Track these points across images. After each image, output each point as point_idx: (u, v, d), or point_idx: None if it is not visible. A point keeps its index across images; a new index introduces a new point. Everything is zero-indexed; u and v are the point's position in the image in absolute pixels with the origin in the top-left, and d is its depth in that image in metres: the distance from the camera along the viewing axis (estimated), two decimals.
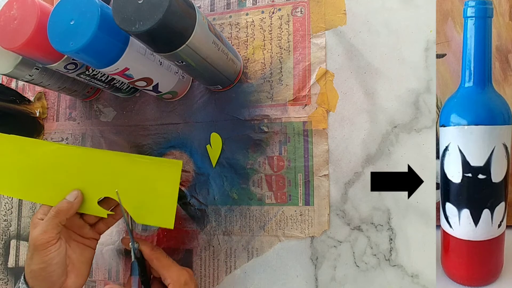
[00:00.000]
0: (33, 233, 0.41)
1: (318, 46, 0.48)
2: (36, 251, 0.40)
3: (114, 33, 0.38)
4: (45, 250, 0.40)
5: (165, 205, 0.44)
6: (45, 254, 0.40)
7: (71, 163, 0.44)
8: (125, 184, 0.44)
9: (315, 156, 0.47)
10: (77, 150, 0.44)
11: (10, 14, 0.41)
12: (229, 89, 0.51)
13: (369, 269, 0.44)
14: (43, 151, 0.44)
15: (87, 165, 0.44)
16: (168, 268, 0.44)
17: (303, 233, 0.47)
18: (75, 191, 0.44)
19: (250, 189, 0.49)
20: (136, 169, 0.44)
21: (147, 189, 0.44)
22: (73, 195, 0.43)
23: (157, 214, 0.44)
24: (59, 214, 0.42)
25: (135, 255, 0.44)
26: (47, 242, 0.41)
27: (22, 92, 0.61)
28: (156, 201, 0.44)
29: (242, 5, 0.52)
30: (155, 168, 0.44)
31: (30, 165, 0.45)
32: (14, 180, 0.45)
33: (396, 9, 0.46)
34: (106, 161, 0.44)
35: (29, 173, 0.45)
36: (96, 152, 0.45)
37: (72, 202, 0.43)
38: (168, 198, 0.44)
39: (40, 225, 0.41)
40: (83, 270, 0.45)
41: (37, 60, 0.44)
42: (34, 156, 0.44)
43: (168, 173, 0.44)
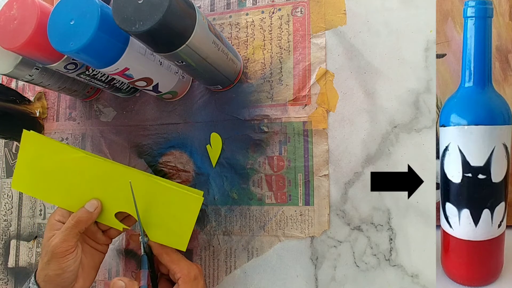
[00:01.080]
0: (53, 240, 0.41)
1: (318, 46, 0.48)
2: (54, 258, 0.41)
3: (114, 33, 0.38)
4: (63, 258, 0.41)
5: (181, 230, 0.45)
6: (63, 261, 0.41)
7: (94, 172, 0.44)
8: (144, 202, 0.44)
9: (315, 156, 0.47)
10: (102, 162, 0.45)
11: (10, 14, 0.41)
12: (229, 89, 0.51)
13: (369, 269, 0.44)
14: (69, 156, 0.44)
15: (110, 178, 0.44)
16: (178, 262, 0.44)
17: (303, 233, 0.47)
18: (95, 201, 0.44)
19: (250, 189, 0.49)
20: (157, 191, 0.44)
21: (165, 212, 0.45)
22: (93, 205, 0.44)
23: (172, 236, 0.45)
24: (79, 224, 0.43)
25: (144, 249, 0.44)
26: (66, 250, 0.41)
27: (22, 92, 0.61)
28: (173, 224, 0.45)
29: (242, 5, 0.52)
30: (176, 196, 0.44)
31: (54, 168, 0.45)
32: (37, 180, 0.45)
33: (396, 9, 0.46)
34: (129, 178, 0.44)
35: (52, 175, 0.45)
36: (120, 168, 0.45)
37: (92, 213, 0.43)
38: (184, 225, 0.44)
39: (61, 234, 0.42)
40: (91, 274, 0.45)
41: (37, 60, 0.44)
42: (60, 160, 0.44)
43: (188, 205, 0.44)
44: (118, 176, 0.44)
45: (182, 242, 0.45)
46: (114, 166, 0.45)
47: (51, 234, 0.42)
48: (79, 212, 0.43)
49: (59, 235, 0.42)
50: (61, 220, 0.44)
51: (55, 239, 0.41)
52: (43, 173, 0.45)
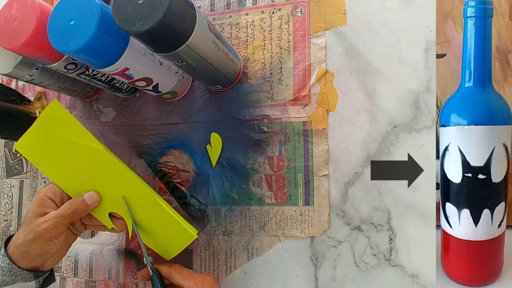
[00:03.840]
0: (44, 223, 0.41)
1: (318, 46, 0.48)
2: (40, 239, 0.41)
3: (114, 33, 0.38)
4: (49, 241, 0.41)
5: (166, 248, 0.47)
6: (48, 244, 0.41)
7: (104, 168, 0.44)
8: (141, 214, 0.45)
9: (315, 156, 0.47)
10: (116, 162, 0.45)
11: (10, 14, 0.41)
12: (229, 89, 0.51)
13: (369, 269, 0.44)
14: (87, 143, 0.44)
15: (117, 178, 0.45)
16: (191, 277, 0.44)
17: (303, 233, 0.47)
18: (95, 195, 0.44)
19: (250, 189, 0.49)
20: (157, 212, 0.45)
21: (157, 231, 0.46)
22: (92, 198, 0.44)
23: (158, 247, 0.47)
24: (75, 214, 0.42)
25: (152, 270, 0.44)
26: (55, 236, 0.41)
27: (22, 92, 0.61)
28: (160, 241, 0.47)
29: (242, 5, 0.52)
30: (172, 223, 0.45)
31: (67, 147, 0.44)
32: (44, 150, 0.45)
33: (396, 9, 0.46)
34: (136, 189, 0.45)
35: (61, 152, 0.44)
36: (130, 174, 0.45)
37: (90, 206, 0.43)
38: (169, 248, 0.47)
39: (54, 219, 0.41)
40: (62, 252, 0.46)
41: (37, 60, 0.44)
42: (76, 142, 0.44)
43: (181, 237, 0.46)
44: (125, 181, 0.45)
45: (167, 255, 0.47)
46: (126, 171, 0.45)
47: (39, 210, 0.42)
48: (77, 202, 0.43)
49: (52, 220, 0.41)
50: (52, 198, 0.43)
51: (46, 223, 0.41)
52: (53, 146, 0.44)
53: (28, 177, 0.60)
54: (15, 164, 0.61)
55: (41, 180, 0.59)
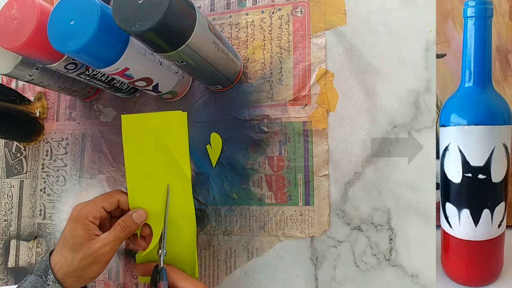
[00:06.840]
0: (103, 248, 0.42)
1: (318, 46, 0.48)
2: (98, 263, 0.42)
3: (114, 33, 0.38)
4: (106, 264, 0.43)
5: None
6: (104, 267, 0.43)
7: (172, 187, 0.46)
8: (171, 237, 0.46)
9: (315, 156, 0.47)
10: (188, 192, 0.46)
11: (10, 14, 0.41)
12: (229, 89, 0.51)
13: (369, 269, 0.44)
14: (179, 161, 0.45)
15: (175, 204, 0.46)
16: (186, 280, 0.44)
17: (303, 233, 0.47)
18: (143, 213, 0.45)
19: (250, 189, 0.49)
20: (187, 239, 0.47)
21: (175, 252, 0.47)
22: (142, 217, 0.45)
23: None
24: (129, 234, 0.44)
25: (163, 262, 0.45)
26: (111, 257, 0.43)
27: (22, 92, 0.61)
28: None
29: (242, 5, 0.52)
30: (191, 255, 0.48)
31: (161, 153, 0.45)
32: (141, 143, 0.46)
33: (396, 9, 0.46)
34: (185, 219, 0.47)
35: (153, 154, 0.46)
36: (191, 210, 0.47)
37: (138, 225, 0.45)
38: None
39: (112, 242, 0.43)
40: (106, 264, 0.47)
41: (37, 60, 0.44)
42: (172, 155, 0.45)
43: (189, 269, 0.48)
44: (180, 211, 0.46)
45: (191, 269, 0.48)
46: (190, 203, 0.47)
47: (86, 234, 0.42)
48: (129, 223, 0.44)
49: (110, 243, 0.42)
50: (94, 221, 0.44)
51: (106, 246, 0.42)
52: (150, 142, 0.45)
53: (28, 177, 0.60)
54: (15, 164, 0.61)
55: (41, 180, 0.59)
